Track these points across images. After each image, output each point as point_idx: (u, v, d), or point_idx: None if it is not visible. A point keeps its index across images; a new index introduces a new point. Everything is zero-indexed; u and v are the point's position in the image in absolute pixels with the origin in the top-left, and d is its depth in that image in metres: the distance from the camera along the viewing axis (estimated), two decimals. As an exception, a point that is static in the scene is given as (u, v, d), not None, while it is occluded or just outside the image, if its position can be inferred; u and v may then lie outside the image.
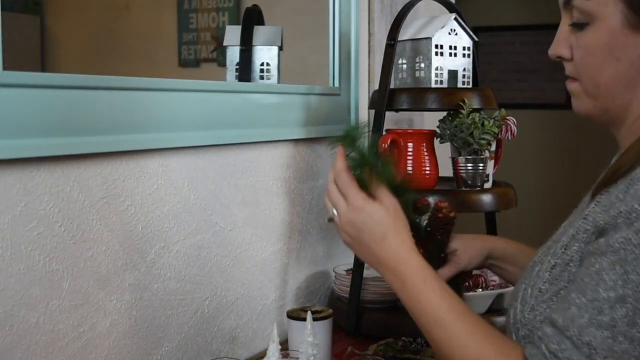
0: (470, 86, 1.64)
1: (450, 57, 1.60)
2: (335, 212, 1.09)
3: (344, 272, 1.66)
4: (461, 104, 1.53)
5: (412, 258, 1.02)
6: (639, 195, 0.83)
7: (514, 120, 1.57)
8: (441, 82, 1.59)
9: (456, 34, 1.61)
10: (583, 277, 0.85)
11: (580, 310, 0.83)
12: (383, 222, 1.04)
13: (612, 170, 0.91)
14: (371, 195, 1.07)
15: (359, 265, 1.57)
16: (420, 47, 1.60)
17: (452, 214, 1.23)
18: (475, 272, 1.42)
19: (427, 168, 1.57)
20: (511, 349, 0.90)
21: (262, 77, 1.59)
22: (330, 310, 1.36)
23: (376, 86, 1.69)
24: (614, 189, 0.88)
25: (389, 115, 1.64)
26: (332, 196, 1.09)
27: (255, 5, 1.67)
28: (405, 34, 1.64)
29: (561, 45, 0.98)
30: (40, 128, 1.03)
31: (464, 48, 1.62)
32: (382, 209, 1.05)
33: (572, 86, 1.00)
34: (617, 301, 0.81)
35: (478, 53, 1.66)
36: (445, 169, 1.63)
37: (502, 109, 1.57)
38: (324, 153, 1.71)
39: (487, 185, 1.57)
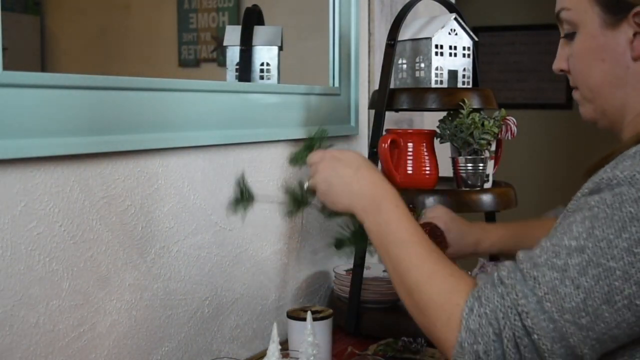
0: (470, 86, 1.64)
1: (450, 57, 1.60)
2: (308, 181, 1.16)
3: (344, 272, 1.66)
4: (461, 104, 1.53)
5: (386, 184, 1.07)
6: (625, 167, 0.86)
7: (514, 120, 1.57)
8: (441, 82, 1.59)
9: (456, 34, 1.61)
10: (557, 227, 0.89)
11: (541, 251, 0.87)
12: (356, 158, 1.10)
13: (605, 155, 0.94)
14: None
15: (359, 265, 1.57)
16: (420, 47, 1.60)
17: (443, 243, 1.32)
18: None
19: (427, 168, 1.57)
20: (463, 275, 0.94)
21: (262, 77, 1.59)
22: (330, 310, 1.36)
23: (376, 86, 1.69)
24: (603, 169, 0.90)
25: (389, 115, 1.64)
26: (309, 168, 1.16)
27: (255, 5, 1.67)
28: (405, 34, 1.64)
29: (560, 59, 1.05)
30: (40, 128, 1.03)
31: (464, 48, 1.62)
32: (353, 152, 1.13)
33: (575, 95, 1.05)
34: (575, 250, 0.84)
35: (478, 53, 1.66)
36: (445, 169, 1.63)
37: (502, 109, 1.57)
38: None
39: (487, 185, 1.57)
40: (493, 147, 1.56)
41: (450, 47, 1.60)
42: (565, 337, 0.82)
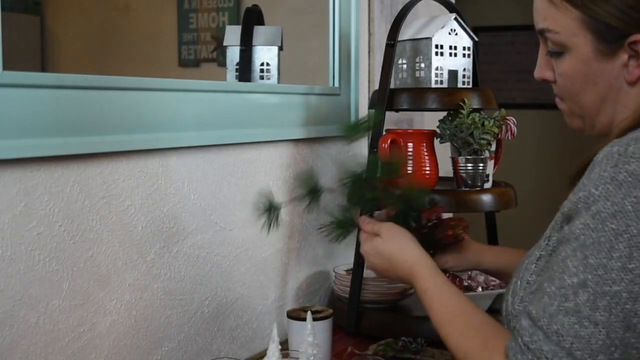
0: (470, 86, 1.64)
1: (450, 57, 1.60)
2: None
3: (344, 272, 1.66)
4: (461, 104, 1.53)
5: (417, 270, 1.14)
6: (596, 178, 0.86)
7: (514, 120, 1.57)
8: (441, 82, 1.59)
9: (456, 34, 1.61)
10: (553, 265, 0.89)
11: (550, 299, 0.86)
12: (386, 251, 1.20)
13: (584, 160, 0.95)
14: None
15: (359, 265, 1.57)
16: (420, 47, 1.60)
17: (461, 234, 1.34)
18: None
19: (427, 168, 1.57)
20: (496, 343, 0.94)
21: (262, 77, 1.59)
22: (330, 310, 1.36)
23: (376, 86, 1.69)
24: (580, 182, 0.91)
25: (389, 115, 1.64)
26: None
27: (255, 5, 1.67)
28: (405, 34, 1.64)
29: (543, 68, 1.05)
30: (40, 128, 1.03)
31: (464, 48, 1.62)
32: (378, 239, 1.21)
33: (560, 105, 1.06)
34: (579, 286, 0.84)
35: (478, 53, 1.66)
36: (445, 169, 1.63)
37: (502, 109, 1.57)
38: (324, 153, 1.71)
39: (487, 185, 1.57)
40: (493, 147, 1.56)
41: (450, 47, 1.60)
42: None
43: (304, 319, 1.16)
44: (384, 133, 1.58)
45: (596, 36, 0.94)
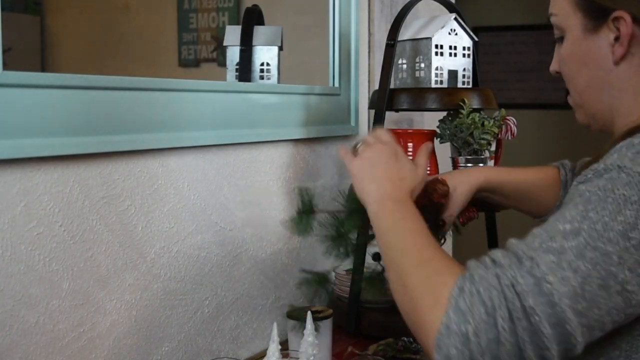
0: (470, 86, 1.64)
1: (450, 57, 1.60)
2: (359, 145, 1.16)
3: (344, 272, 1.66)
4: (461, 104, 1.53)
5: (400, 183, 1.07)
6: (612, 159, 0.86)
7: (514, 120, 1.57)
8: (441, 82, 1.59)
9: (456, 34, 1.61)
10: (549, 219, 0.87)
11: (533, 237, 0.84)
12: (386, 155, 1.11)
13: (593, 158, 0.96)
14: None
15: (359, 265, 1.57)
16: (420, 47, 1.60)
17: (446, 190, 1.26)
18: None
19: (427, 168, 1.57)
20: (456, 263, 0.89)
21: (262, 77, 1.59)
22: (330, 310, 1.36)
23: (376, 86, 1.69)
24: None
25: (389, 115, 1.64)
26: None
27: (255, 5, 1.67)
28: (405, 34, 1.64)
29: (555, 61, 1.06)
30: (40, 128, 1.03)
31: (464, 48, 1.62)
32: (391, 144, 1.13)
33: (569, 100, 1.07)
34: (571, 233, 0.81)
35: (478, 53, 1.66)
36: (445, 169, 1.63)
37: (502, 109, 1.57)
38: (324, 153, 1.71)
39: (487, 185, 1.57)
40: (493, 147, 1.56)
41: (450, 47, 1.60)
42: (562, 322, 0.78)
43: (304, 319, 1.16)
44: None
45: (584, 14, 0.97)
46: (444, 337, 0.80)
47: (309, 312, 1.17)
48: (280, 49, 1.61)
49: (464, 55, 1.62)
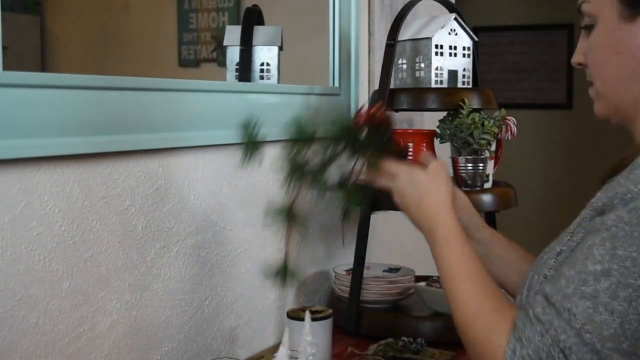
0: (470, 86, 1.64)
1: (450, 57, 1.60)
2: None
3: (344, 272, 1.66)
4: (461, 104, 1.53)
5: (443, 218, 1.08)
6: (637, 178, 0.86)
7: (514, 120, 1.57)
8: (441, 82, 1.59)
9: (456, 34, 1.61)
10: (576, 253, 0.89)
11: (568, 281, 0.86)
12: (420, 184, 1.12)
13: (620, 160, 0.95)
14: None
15: (359, 265, 1.57)
16: (420, 47, 1.60)
17: (387, 115, 1.20)
18: None
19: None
20: (508, 310, 0.94)
21: (262, 77, 1.59)
22: (330, 310, 1.36)
23: (376, 86, 1.69)
24: (618, 176, 0.91)
25: (389, 115, 1.64)
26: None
27: (255, 5, 1.67)
28: (405, 34, 1.64)
29: (579, 53, 1.04)
30: (40, 128, 1.03)
31: (464, 48, 1.62)
32: (421, 172, 1.13)
33: (590, 91, 1.05)
34: (602, 274, 0.83)
35: (478, 53, 1.66)
36: (445, 169, 1.63)
37: (502, 109, 1.57)
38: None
39: (487, 185, 1.57)
40: (493, 147, 1.56)
41: (450, 47, 1.60)
42: None
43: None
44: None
45: (621, 1, 0.95)
46: None
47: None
48: (280, 49, 1.61)
49: (464, 55, 1.62)
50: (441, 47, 1.59)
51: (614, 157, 1.00)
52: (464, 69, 1.63)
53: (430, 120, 2.19)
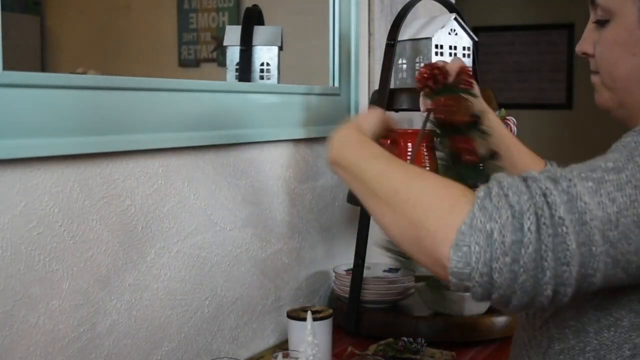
0: (470, 86, 1.64)
1: (450, 57, 1.60)
2: None
3: (344, 272, 1.66)
4: (461, 104, 1.53)
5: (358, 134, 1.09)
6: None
7: (514, 120, 1.57)
8: (441, 82, 1.59)
9: (456, 34, 1.61)
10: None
11: (573, 168, 0.80)
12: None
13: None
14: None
15: (359, 265, 1.57)
16: (420, 47, 1.60)
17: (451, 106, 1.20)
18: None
19: (427, 168, 1.57)
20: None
21: (262, 77, 1.60)
22: (330, 310, 1.36)
23: (376, 86, 1.69)
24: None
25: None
26: None
27: (255, 5, 1.67)
28: (405, 34, 1.64)
29: (586, 42, 1.02)
30: (40, 128, 1.03)
31: (464, 48, 1.62)
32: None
33: (593, 79, 1.02)
34: (613, 169, 0.79)
35: (478, 53, 1.66)
36: (445, 169, 1.63)
37: (502, 109, 1.57)
38: (324, 153, 1.71)
39: (487, 185, 1.57)
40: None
41: (450, 47, 1.60)
42: (589, 242, 0.75)
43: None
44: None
45: None
46: (466, 235, 0.74)
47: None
48: (280, 49, 1.61)
49: (464, 55, 1.62)
50: (441, 47, 1.59)
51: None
52: (464, 69, 1.63)
53: (430, 120, 2.19)
